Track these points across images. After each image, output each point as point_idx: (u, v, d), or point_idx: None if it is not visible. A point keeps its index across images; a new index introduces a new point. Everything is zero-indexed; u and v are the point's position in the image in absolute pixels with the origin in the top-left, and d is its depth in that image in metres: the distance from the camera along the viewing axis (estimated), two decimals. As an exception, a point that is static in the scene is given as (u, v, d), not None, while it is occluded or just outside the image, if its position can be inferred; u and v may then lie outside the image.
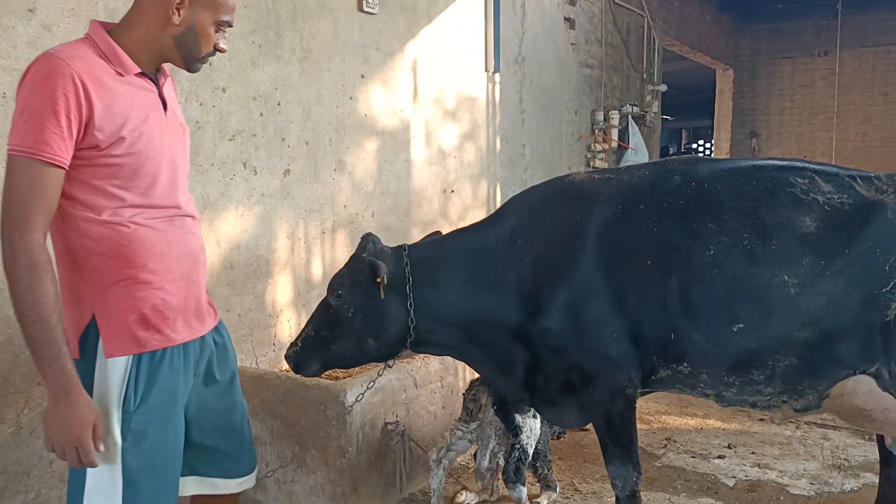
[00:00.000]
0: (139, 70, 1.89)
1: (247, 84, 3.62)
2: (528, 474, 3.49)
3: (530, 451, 3.27)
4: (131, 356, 1.85)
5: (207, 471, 2.13)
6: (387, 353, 2.94)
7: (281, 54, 3.79)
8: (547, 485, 3.56)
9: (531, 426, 3.27)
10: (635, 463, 2.84)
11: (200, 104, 3.41)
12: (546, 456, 3.52)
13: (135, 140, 1.82)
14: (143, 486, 1.86)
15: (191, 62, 1.98)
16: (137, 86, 1.88)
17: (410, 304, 2.85)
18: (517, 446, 3.21)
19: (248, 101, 3.63)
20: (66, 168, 1.74)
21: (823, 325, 2.49)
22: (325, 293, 2.91)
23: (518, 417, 3.20)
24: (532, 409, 3.24)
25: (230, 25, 1.99)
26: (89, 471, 1.81)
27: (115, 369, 1.84)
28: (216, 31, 1.97)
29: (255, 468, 2.27)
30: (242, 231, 3.66)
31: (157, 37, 1.90)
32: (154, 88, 1.94)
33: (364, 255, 2.88)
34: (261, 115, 3.69)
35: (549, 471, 3.54)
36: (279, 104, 3.79)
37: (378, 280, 2.76)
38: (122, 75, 1.84)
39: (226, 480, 2.16)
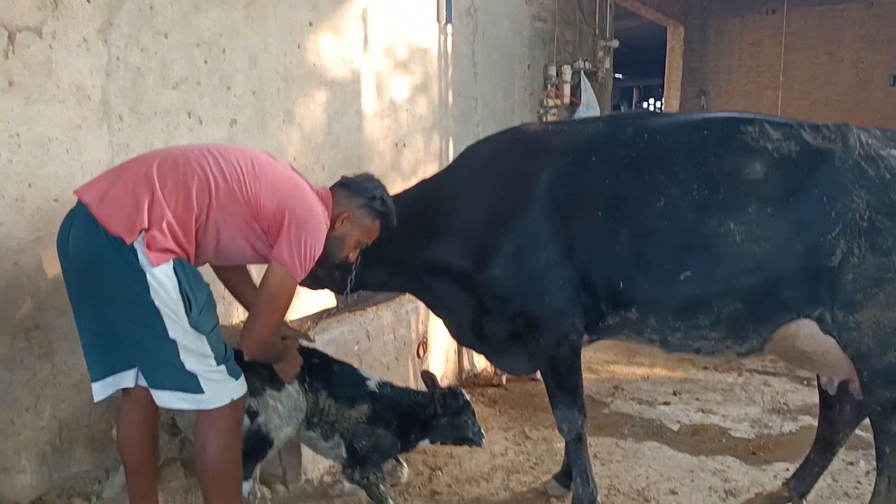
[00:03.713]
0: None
1: (190, 30, 3.48)
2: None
3: (275, 435, 2.76)
4: None
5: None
6: (355, 288, 3.05)
7: (225, -1, 3.66)
8: (373, 496, 3.00)
9: (276, 403, 2.75)
10: (581, 407, 2.91)
11: (142, 50, 3.28)
12: (366, 467, 2.94)
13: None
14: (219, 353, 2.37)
15: (327, 258, 2.56)
16: None
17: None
18: (253, 431, 2.73)
19: (191, 48, 3.50)
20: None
21: (769, 271, 2.56)
22: None
23: (249, 401, 2.66)
24: (271, 389, 2.76)
25: (365, 247, 2.68)
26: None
27: None
28: (355, 247, 2.67)
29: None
30: (188, 182, 3.56)
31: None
32: None
33: None
34: (205, 62, 3.57)
35: (370, 483, 2.95)
36: (224, 51, 3.67)
37: None
38: None
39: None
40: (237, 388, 2.40)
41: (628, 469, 3.54)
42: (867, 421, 2.87)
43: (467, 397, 3.06)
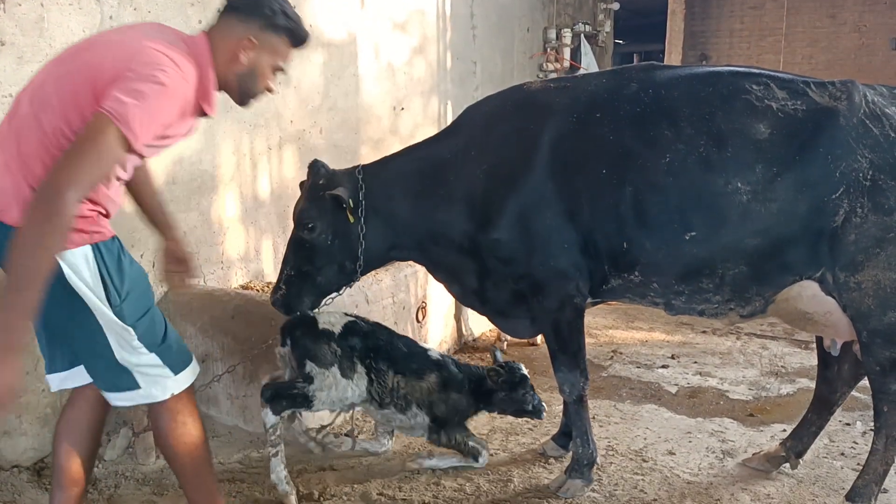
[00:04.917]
0: (214, 114, 2.17)
1: (183, -11, 3.43)
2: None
3: (315, 406, 2.87)
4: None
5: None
6: (365, 271, 2.99)
7: (219, -43, 3.59)
8: (465, 453, 3.14)
9: (333, 385, 2.86)
10: (583, 369, 2.91)
11: (134, 9, 3.22)
12: (450, 431, 3.08)
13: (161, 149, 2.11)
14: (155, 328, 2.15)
15: (245, 98, 2.23)
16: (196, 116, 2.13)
17: (361, 228, 2.86)
18: (302, 389, 2.83)
19: (185, 7, 3.45)
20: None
21: (774, 232, 2.54)
22: (295, 231, 2.91)
23: (312, 367, 2.84)
24: (337, 369, 2.86)
25: (284, 71, 2.29)
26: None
27: None
28: (272, 74, 2.25)
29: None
30: (184, 145, 3.51)
31: (225, 70, 2.13)
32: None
33: (321, 181, 2.85)
34: (199, 21, 3.51)
35: (458, 443, 3.10)
36: (219, 11, 3.60)
37: (345, 206, 2.80)
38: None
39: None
40: (177, 382, 2.17)
41: (626, 430, 3.57)
42: (864, 382, 2.89)
43: (524, 371, 3.09)
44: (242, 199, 3.92)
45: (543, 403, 3.12)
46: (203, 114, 2.14)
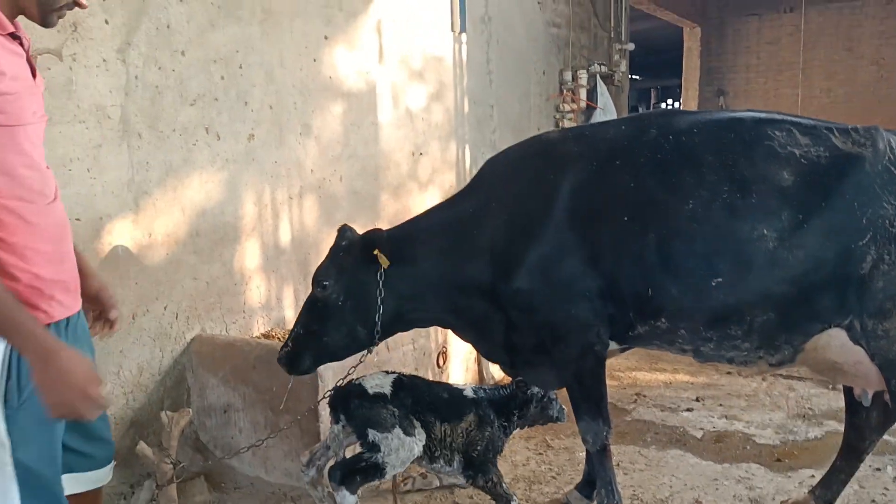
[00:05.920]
0: (11, 30, 1.72)
1: (206, 47, 3.52)
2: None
3: (388, 472, 2.82)
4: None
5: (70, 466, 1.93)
6: (372, 340, 2.90)
7: (241, 15, 3.69)
8: (498, 497, 3.06)
9: (400, 446, 2.80)
10: (605, 418, 2.88)
11: (159, 68, 3.32)
12: (487, 470, 3.03)
13: (9, 103, 1.68)
14: (36, 484, 1.73)
15: (47, 12, 1.79)
16: (8, 48, 1.71)
17: (380, 292, 2.83)
18: (371, 459, 2.78)
19: (208, 65, 3.54)
20: None
21: (801, 279, 2.51)
22: (311, 287, 2.89)
23: (375, 434, 2.78)
24: (400, 429, 2.81)
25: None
26: None
27: None
28: None
29: (112, 461, 2.11)
30: (207, 198, 3.59)
31: None
32: (22, 51, 1.77)
33: (344, 242, 2.84)
34: (222, 78, 3.61)
35: (494, 484, 3.03)
36: (241, 67, 3.71)
37: (376, 252, 2.77)
38: None
39: (83, 474, 2.00)
40: None
41: (651, 478, 3.52)
42: (895, 426, 2.84)
43: None
44: (264, 248, 3.97)
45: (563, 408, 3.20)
46: (17, 38, 1.77)
